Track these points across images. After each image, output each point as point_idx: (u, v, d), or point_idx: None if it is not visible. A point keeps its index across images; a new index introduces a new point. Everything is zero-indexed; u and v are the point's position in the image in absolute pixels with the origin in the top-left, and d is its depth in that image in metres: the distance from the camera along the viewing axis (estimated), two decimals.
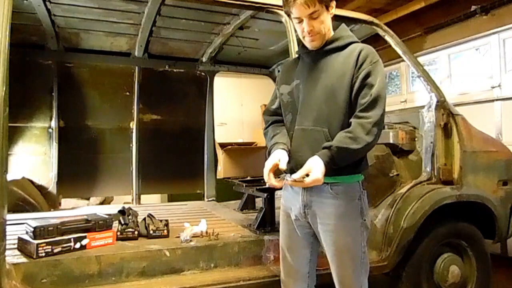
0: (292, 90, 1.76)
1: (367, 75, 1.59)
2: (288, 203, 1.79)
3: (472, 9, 4.47)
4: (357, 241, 1.66)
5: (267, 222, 2.63)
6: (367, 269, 1.72)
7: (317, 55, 1.73)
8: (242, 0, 2.35)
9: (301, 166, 1.57)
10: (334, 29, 1.76)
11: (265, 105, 6.92)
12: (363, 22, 2.67)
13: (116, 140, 3.77)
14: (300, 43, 1.81)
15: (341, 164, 1.57)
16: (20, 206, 3.15)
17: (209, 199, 4.04)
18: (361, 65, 1.61)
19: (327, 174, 1.54)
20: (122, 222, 2.43)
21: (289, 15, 1.74)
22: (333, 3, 1.70)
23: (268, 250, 2.39)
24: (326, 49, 1.71)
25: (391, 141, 2.71)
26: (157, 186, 3.99)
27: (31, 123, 3.48)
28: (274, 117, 1.88)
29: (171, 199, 4.74)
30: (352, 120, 1.58)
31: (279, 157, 1.65)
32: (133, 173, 3.77)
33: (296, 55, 1.89)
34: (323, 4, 1.64)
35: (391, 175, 2.57)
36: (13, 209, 2.80)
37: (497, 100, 4.36)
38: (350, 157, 1.59)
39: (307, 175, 1.53)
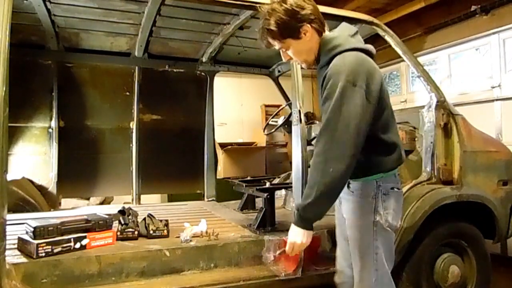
0: None
1: (325, 100, 1.51)
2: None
3: (472, 9, 4.47)
4: (365, 239, 1.65)
5: (267, 222, 2.64)
6: (384, 274, 1.67)
7: (318, 71, 1.72)
8: (242, 0, 2.35)
9: None
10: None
11: (265, 105, 6.95)
12: (363, 22, 2.67)
13: (116, 140, 3.77)
14: None
15: (317, 213, 1.52)
16: (20, 206, 3.15)
17: (209, 199, 4.04)
18: (324, 88, 1.53)
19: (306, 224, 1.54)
20: (122, 222, 2.43)
21: None
22: (305, 28, 1.58)
23: (268, 250, 2.39)
24: (319, 65, 1.68)
25: None
26: (157, 186, 3.99)
27: (31, 123, 3.48)
28: None
29: (171, 199, 4.74)
30: None
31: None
32: (133, 173, 3.77)
33: None
34: (286, 39, 1.60)
35: None
36: (13, 209, 2.80)
37: (497, 100, 4.36)
38: (315, 204, 1.49)
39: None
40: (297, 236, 1.54)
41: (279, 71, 4.27)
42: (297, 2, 1.56)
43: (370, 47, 1.65)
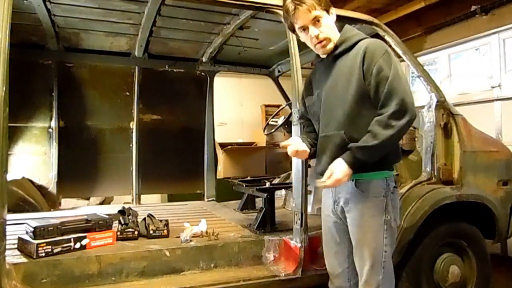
0: (315, 101, 1.85)
1: (379, 70, 1.60)
2: (325, 202, 1.88)
3: (472, 9, 4.47)
4: (378, 238, 1.68)
5: (267, 222, 2.64)
6: (389, 271, 1.72)
7: (329, 61, 1.78)
8: (242, 0, 2.35)
9: (325, 170, 1.65)
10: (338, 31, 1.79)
11: (265, 105, 6.94)
12: (363, 22, 2.67)
13: (116, 140, 3.77)
14: (313, 53, 1.87)
15: (369, 161, 1.61)
16: (20, 206, 3.15)
17: (209, 199, 4.04)
18: (370, 62, 1.62)
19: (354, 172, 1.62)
20: (122, 222, 2.43)
21: (293, 31, 1.79)
22: (332, 9, 1.75)
23: (268, 250, 2.39)
24: (336, 54, 1.74)
25: None
26: (157, 186, 3.99)
27: (31, 123, 3.48)
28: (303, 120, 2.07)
29: (171, 199, 4.74)
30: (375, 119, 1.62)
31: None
32: (133, 173, 3.77)
33: (314, 65, 1.95)
34: (322, 8, 1.69)
35: None
36: (13, 209, 2.80)
37: (497, 100, 4.36)
38: (374, 153, 1.61)
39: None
40: (344, 174, 1.60)
41: (279, 71, 4.27)
42: None
43: None
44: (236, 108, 6.69)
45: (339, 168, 1.61)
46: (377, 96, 1.62)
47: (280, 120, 3.40)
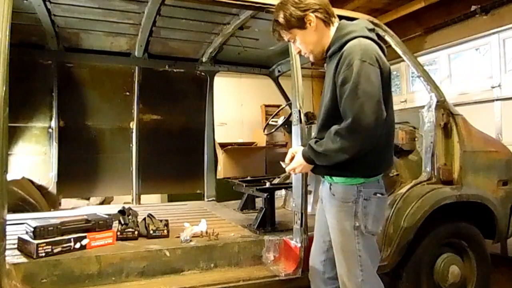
0: None
1: (343, 82, 1.54)
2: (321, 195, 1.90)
3: (472, 9, 4.47)
4: (349, 243, 1.68)
5: (267, 222, 2.64)
6: (370, 273, 1.70)
7: (326, 63, 1.77)
8: (242, 0, 2.35)
9: (314, 168, 1.74)
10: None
11: (265, 105, 6.94)
12: None
13: (116, 140, 3.77)
14: None
15: (315, 161, 1.67)
16: (20, 206, 3.15)
17: (209, 199, 4.04)
18: (338, 72, 1.57)
19: (313, 169, 1.72)
20: (122, 222, 2.43)
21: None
22: (309, 17, 1.66)
23: (268, 250, 2.39)
24: (328, 55, 1.73)
25: None
26: (157, 186, 3.99)
27: (31, 123, 3.48)
28: None
29: (171, 199, 4.74)
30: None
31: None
32: (133, 173, 3.77)
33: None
34: (292, 29, 1.70)
35: (391, 175, 2.57)
36: (13, 209, 2.80)
37: (497, 100, 4.36)
38: (320, 158, 1.64)
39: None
40: (303, 160, 1.71)
41: (279, 71, 4.27)
42: None
43: (383, 44, 1.70)
44: (236, 108, 6.69)
45: (296, 157, 1.74)
46: (340, 104, 1.58)
47: (280, 120, 3.41)
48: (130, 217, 2.51)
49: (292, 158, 1.78)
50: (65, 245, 2.06)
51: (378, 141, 1.58)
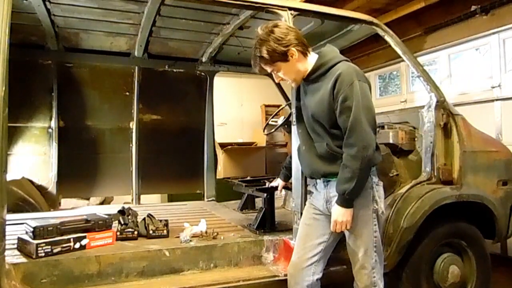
0: (301, 107, 2.03)
1: (344, 99, 1.75)
2: (313, 200, 2.04)
3: (472, 9, 4.46)
4: (368, 226, 1.86)
5: (267, 222, 2.64)
6: (380, 254, 1.90)
7: (307, 83, 1.93)
8: (242, 0, 2.35)
9: (313, 172, 1.96)
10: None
11: (265, 105, 6.91)
12: (363, 22, 2.67)
13: (116, 140, 3.77)
14: None
15: (354, 195, 1.80)
16: (20, 206, 3.16)
17: (209, 199, 4.04)
18: (338, 90, 1.76)
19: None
20: (122, 222, 2.43)
21: None
22: (291, 51, 1.81)
23: (268, 250, 2.39)
24: (311, 79, 1.89)
25: (391, 141, 2.70)
26: (157, 186, 3.99)
27: (31, 123, 3.48)
28: None
29: (171, 199, 4.74)
30: (343, 149, 1.80)
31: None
32: (133, 173, 3.77)
33: None
34: (275, 62, 1.83)
35: (391, 175, 2.57)
36: (13, 209, 2.80)
37: (497, 100, 4.36)
38: (358, 186, 1.77)
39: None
40: (342, 216, 1.81)
41: None
42: (281, 30, 1.81)
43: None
44: (236, 108, 6.70)
45: (335, 214, 1.83)
46: (340, 119, 1.79)
47: (280, 120, 3.39)
48: (129, 217, 2.51)
49: (335, 224, 1.85)
50: (64, 245, 2.06)
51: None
